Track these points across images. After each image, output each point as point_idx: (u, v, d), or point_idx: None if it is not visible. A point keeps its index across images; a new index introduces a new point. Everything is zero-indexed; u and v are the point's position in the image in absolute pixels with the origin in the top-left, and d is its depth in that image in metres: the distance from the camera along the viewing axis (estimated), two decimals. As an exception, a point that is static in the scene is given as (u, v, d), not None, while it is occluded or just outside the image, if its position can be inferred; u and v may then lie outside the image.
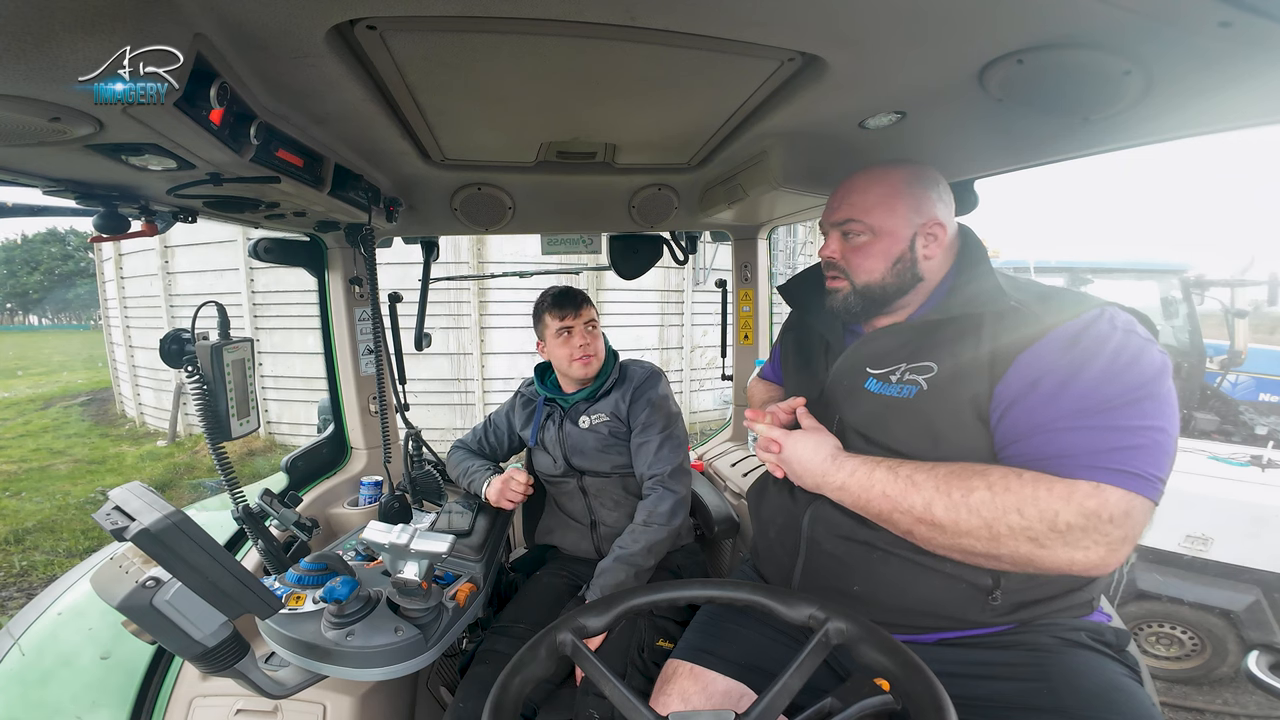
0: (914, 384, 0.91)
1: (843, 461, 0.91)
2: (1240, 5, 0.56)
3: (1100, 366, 0.77)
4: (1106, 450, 0.74)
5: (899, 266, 0.97)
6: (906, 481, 0.83)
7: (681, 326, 8.17)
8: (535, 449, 1.68)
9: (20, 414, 11.10)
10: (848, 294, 1.01)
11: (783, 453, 0.98)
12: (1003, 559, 0.79)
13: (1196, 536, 2.56)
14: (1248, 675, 1.79)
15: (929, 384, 0.89)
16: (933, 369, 0.89)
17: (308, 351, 6.96)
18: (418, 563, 1.07)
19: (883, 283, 0.98)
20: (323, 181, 1.10)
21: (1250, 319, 4.87)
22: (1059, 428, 0.77)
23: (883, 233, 0.97)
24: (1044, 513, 0.74)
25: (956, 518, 0.79)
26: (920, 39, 0.71)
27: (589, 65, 0.83)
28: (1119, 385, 0.76)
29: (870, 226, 0.97)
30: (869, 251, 0.98)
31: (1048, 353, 0.80)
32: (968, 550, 0.81)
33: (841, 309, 1.03)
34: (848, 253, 1.00)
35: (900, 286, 0.98)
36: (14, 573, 4.37)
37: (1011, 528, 0.76)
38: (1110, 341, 0.78)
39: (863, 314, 1.03)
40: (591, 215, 1.80)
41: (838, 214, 1.01)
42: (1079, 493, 0.73)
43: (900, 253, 0.97)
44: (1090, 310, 0.81)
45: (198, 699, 1.18)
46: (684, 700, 1.00)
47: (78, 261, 42.45)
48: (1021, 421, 0.81)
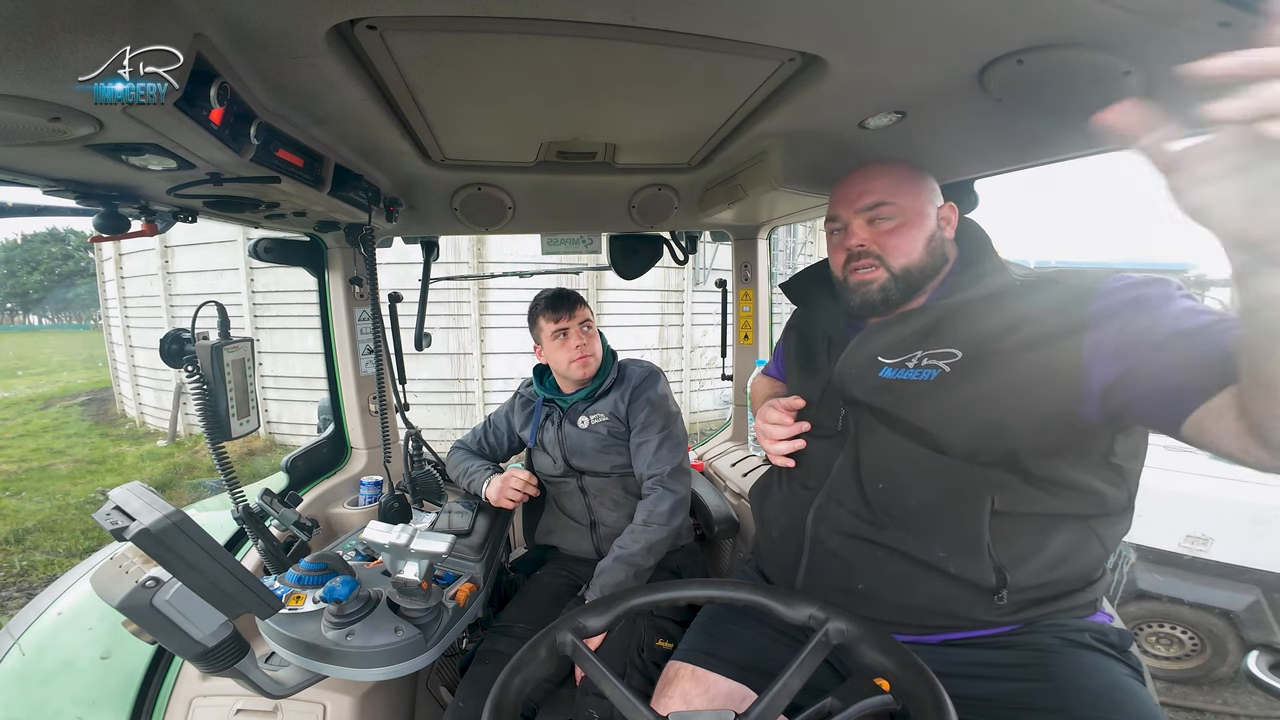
0: (934, 368, 0.90)
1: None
2: (1240, 5, 0.56)
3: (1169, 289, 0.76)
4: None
5: (932, 245, 0.97)
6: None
7: (681, 326, 8.17)
8: (534, 449, 1.68)
9: (20, 414, 11.10)
10: (885, 282, 0.97)
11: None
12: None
13: (1196, 536, 2.56)
14: (1247, 675, 1.79)
15: (952, 368, 0.88)
16: (956, 354, 0.89)
17: (308, 351, 6.96)
18: (418, 563, 1.07)
19: (920, 264, 0.97)
20: (323, 181, 1.10)
21: (1250, 319, 4.86)
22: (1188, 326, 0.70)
23: (912, 213, 0.96)
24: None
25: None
26: (920, 39, 0.71)
27: (589, 65, 0.83)
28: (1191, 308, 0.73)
29: (901, 208, 0.96)
30: (903, 232, 0.96)
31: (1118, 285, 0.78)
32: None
33: (880, 300, 0.98)
34: (880, 237, 0.97)
35: (934, 267, 0.98)
36: (14, 573, 4.37)
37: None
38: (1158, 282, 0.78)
39: (901, 301, 0.99)
40: (591, 215, 1.80)
41: (862, 200, 0.98)
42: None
43: (931, 232, 0.97)
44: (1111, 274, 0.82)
45: (198, 699, 1.18)
46: (685, 703, 1.00)
47: (78, 261, 42.45)
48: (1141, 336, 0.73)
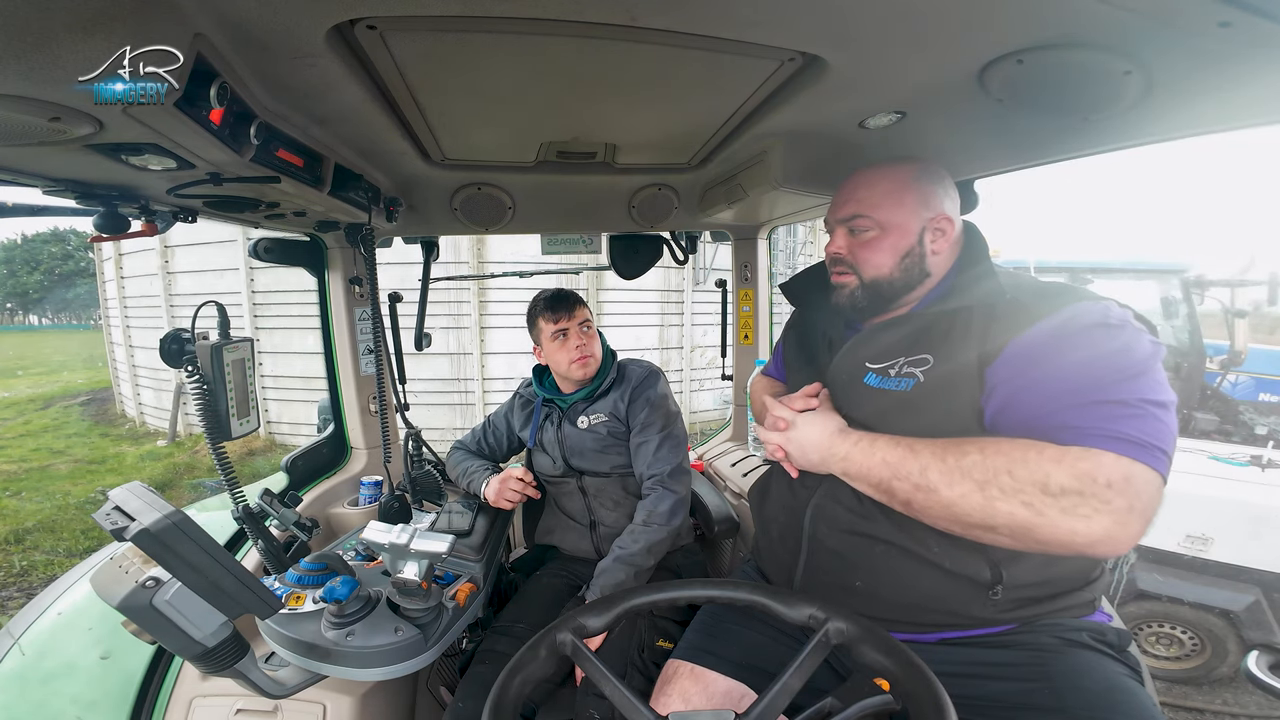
0: (911, 377, 0.91)
1: (848, 434, 0.92)
2: (1240, 5, 0.56)
3: (1092, 352, 0.76)
4: (1102, 419, 0.72)
5: (907, 261, 0.97)
6: (906, 449, 0.84)
7: (681, 326, 8.17)
8: (534, 450, 1.68)
9: (20, 414, 11.10)
10: (855, 289, 1.01)
11: (790, 430, 0.98)
12: (999, 529, 0.76)
13: (1196, 536, 2.56)
14: (1247, 675, 1.79)
15: (925, 376, 0.89)
16: (929, 361, 0.90)
17: (308, 351, 6.95)
18: (418, 563, 1.07)
19: (890, 278, 0.98)
20: (323, 181, 1.10)
21: (1250, 319, 4.86)
22: (1052, 409, 0.77)
23: (890, 227, 0.97)
24: (1034, 474, 0.73)
25: (950, 480, 0.78)
26: (920, 39, 0.71)
27: (589, 65, 0.83)
28: (1111, 367, 0.75)
29: (878, 222, 0.97)
30: (877, 246, 0.98)
31: (1038, 339, 0.80)
32: (963, 519, 0.78)
33: (848, 305, 1.03)
34: (855, 248, 1.00)
35: (908, 282, 0.98)
36: (14, 573, 4.37)
37: (1003, 489, 0.74)
38: (1102, 329, 0.78)
39: (869, 309, 1.02)
40: (591, 215, 1.80)
41: (844, 210, 1.01)
42: (1070, 455, 0.72)
43: (908, 247, 0.97)
44: (1083, 302, 0.81)
45: (198, 699, 1.18)
46: (684, 700, 1.00)
47: (78, 261, 42.45)
48: (1015, 408, 0.81)
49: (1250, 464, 2.79)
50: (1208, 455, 2.93)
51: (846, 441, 0.91)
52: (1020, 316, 0.82)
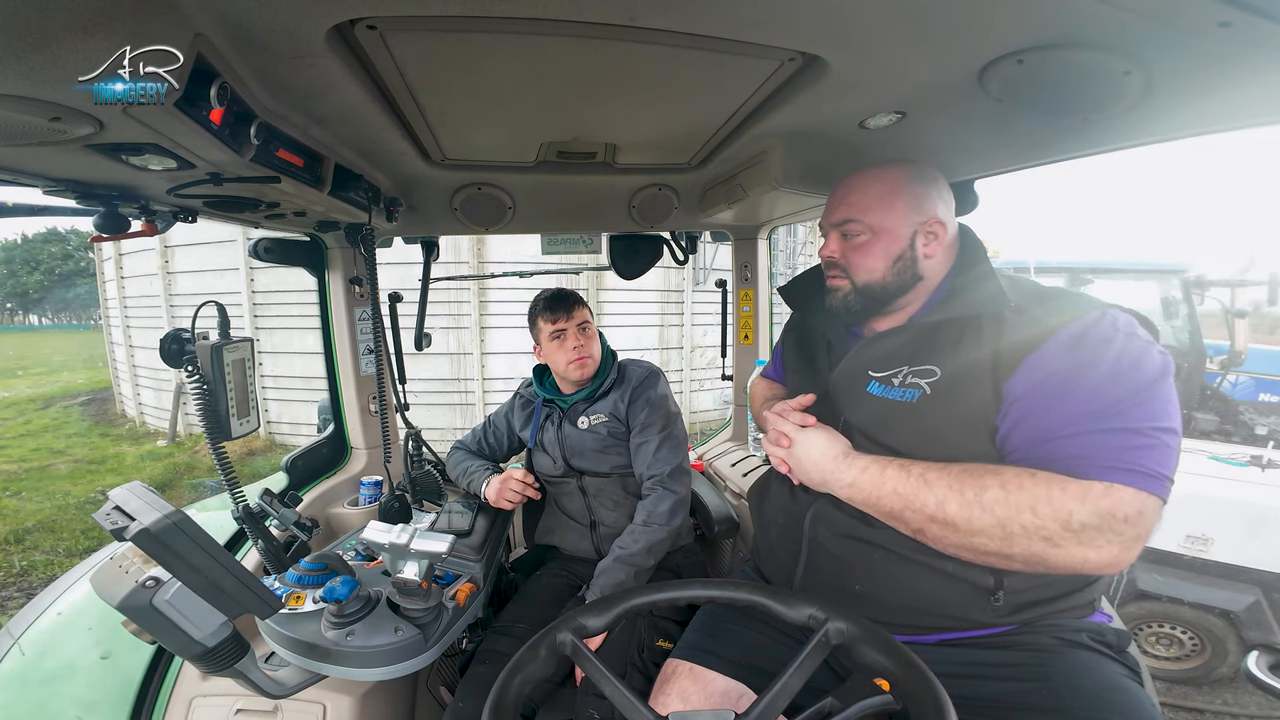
0: (916, 387, 0.90)
1: (853, 459, 0.91)
2: (1240, 5, 0.56)
3: (1105, 370, 0.77)
4: (1118, 450, 0.74)
5: (899, 265, 0.97)
6: (919, 480, 0.83)
7: (681, 326, 8.17)
8: (534, 450, 1.68)
9: (20, 414, 11.10)
10: (848, 293, 1.01)
11: (792, 448, 0.97)
12: (1015, 558, 0.79)
13: (1196, 536, 2.56)
14: (1247, 675, 1.79)
15: (932, 388, 0.89)
16: (935, 372, 0.89)
17: (308, 351, 6.96)
18: (418, 563, 1.07)
19: (883, 282, 0.98)
20: (323, 181, 1.10)
21: (1250, 319, 4.86)
22: (1069, 433, 0.77)
23: (882, 231, 0.97)
24: (1058, 512, 0.74)
25: (969, 515, 0.78)
26: (920, 39, 0.71)
27: (589, 65, 0.83)
28: (1124, 387, 0.76)
29: (869, 225, 0.97)
30: (869, 250, 0.98)
31: (1052, 356, 0.80)
32: (980, 549, 0.80)
33: (841, 308, 1.03)
34: (848, 252, 1.00)
35: (901, 286, 0.98)
36: (14, 573, 4.37)
37: (1025, 527, 0.76)
38: (1114, 344, 0.78)
39: (863, 313, 1.03)
40: (591, 215, 1.80)
41: (836, 214, 1.01)
42: (1093, 493, 0.73)
43: (900, 251, 0.96)
44: (1092, 312, 0.81)
45: (198, 699, 1.18)
46: (683, 700, 1.00)
47: (78, 261, 42.45)
48: (1031, 427, 0.81)
49: (1250, 464, 2.79)
50: (1208, 455, 2.93)
51: (853, 468, 0.90)
52: (1034, 329, 0.82)
